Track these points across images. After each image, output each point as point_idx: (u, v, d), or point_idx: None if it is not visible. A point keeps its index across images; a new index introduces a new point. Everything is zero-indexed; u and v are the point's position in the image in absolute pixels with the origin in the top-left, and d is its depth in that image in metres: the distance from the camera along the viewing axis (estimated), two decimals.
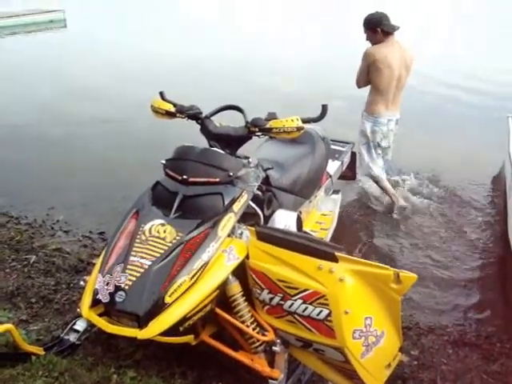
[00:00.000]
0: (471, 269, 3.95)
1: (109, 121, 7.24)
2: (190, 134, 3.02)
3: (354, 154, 4.42)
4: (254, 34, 15.49)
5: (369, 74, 4.39)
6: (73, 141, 6.51)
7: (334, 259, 2.04)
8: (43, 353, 2.41)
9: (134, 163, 5.66)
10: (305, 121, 2.54)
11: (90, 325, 2.54)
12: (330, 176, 3.84)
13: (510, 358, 2.98)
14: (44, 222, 4.48)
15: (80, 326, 2.56)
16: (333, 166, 3.94)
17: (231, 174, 2.40)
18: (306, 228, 3.20)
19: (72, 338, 2.54)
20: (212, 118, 2.74)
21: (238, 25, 18.03)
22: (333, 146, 3.95)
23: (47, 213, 4.64)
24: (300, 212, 3.11)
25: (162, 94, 2.89)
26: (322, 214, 3.68)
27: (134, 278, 2.10)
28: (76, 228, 4.40)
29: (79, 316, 2.57)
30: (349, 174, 4.44)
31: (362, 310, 2.09)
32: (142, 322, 2.04)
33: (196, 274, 2.12)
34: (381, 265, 2.04)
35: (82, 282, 2.49)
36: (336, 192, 4.05)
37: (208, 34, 15.56)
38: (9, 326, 2.29)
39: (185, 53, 12.08)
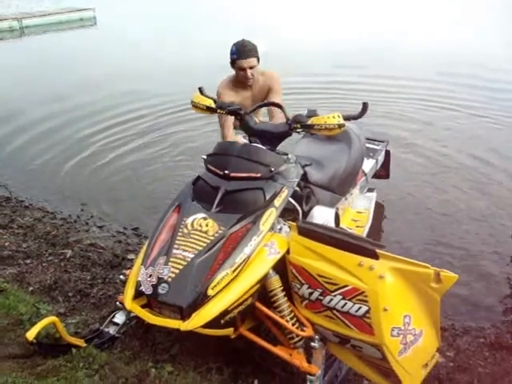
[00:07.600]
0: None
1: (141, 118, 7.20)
2: None
3: (388, 153, 4.38)
4: None
5: None
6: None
7: (375, 256, 2.03)
8: (84, 345, 2.46)
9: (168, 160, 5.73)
10: (345, 118, 2.53)
11: (129, 318, 2.59)
12: (365, 174, 3.84)
13: None
14: (78, 217, 4.56)
15: (119, 318, 2.61)
16: (368, 164, 3.93)
17: (272, 169, 2.40)
18: (342, 225, 3.20)
19: (112, 330, 2.58)
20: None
21: None
22: (367, 145, 3.94)
23: (81, 208, 4.72)
24: (337, 209, 3.11)
25: (201, 90, 2.88)
26: (357, 212, 3.67)
27: (176, 271, 2.11)
28: (110, 223, 4.46)
29: (118, 309, 2.62)
30: (383, 172, 4.42)
31: (401, 308, 2.08)
32: (184, 313, 2.05)
33: (238, 267, 2.13)
34: (421, 263, 2.01)
35: (121, 276, 2.53)
36: (371, 190, 4.04)
37: None
38: (53, 318, 2.33)
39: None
